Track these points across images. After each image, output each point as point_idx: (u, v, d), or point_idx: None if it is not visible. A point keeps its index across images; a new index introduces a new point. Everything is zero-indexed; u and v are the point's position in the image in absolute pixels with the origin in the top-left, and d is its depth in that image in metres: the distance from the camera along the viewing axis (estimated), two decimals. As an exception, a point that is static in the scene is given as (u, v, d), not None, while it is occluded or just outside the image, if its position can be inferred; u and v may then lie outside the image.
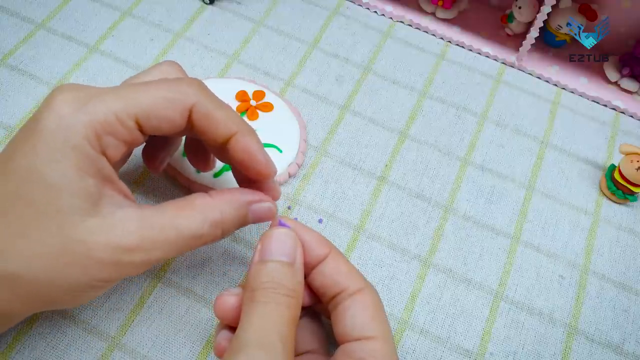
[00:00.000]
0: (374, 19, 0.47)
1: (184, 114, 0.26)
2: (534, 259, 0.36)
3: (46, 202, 0.23)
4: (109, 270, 0.25)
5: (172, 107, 0.26)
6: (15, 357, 0.30)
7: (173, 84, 0.26)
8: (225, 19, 0.45)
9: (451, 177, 0.39)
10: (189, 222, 0.26)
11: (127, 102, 0.25)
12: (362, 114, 0.41)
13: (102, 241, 0.24)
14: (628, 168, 0.37)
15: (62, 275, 0.24)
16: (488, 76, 0.45)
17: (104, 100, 0.25)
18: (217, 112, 0.27)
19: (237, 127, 0.27)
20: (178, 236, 0.26)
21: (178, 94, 0.26)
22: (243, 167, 0.28)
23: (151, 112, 0.25)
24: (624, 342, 0.34)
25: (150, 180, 0.37)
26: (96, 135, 0.24)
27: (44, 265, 0.24)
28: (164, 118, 0.26)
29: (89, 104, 0.24)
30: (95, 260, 0.24)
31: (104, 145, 0.25)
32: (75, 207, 0.24)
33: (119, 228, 0.24)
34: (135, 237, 0.25)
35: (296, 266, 0.26)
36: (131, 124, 0.25)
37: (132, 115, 0.25)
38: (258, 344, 0.23)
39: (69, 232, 0.24)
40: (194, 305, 0.32)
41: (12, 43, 0.42)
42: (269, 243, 0.27)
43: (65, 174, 0.24)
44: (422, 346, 0.33)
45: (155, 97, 0.26)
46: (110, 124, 0.25)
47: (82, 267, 0.24)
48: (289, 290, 0.25)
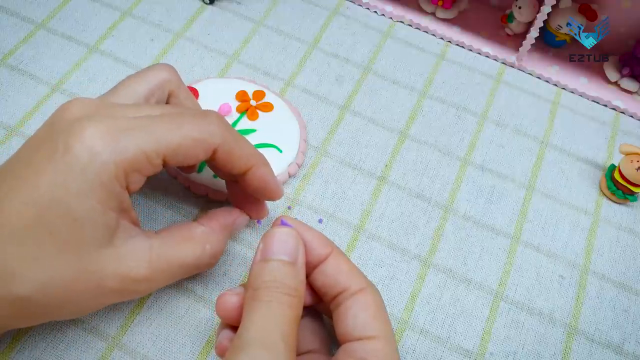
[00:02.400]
0: (374, 19, 0.47)
1: (208, 152, 0.27)
2: (534, 259, 0.36)
3: (67, 232, 0.24)
4: (115, 297, 0.27)
5: (199, 147, 0.27)
6: (15, 357, 0.30)
7: (202, 125, 0.27)
8: (225, 19, 0.45)
9: (451, 177, 0.39)
10: (191, 253, 0.28)
11: (158, 141, 0.26)
12: (362, 114, 0.41)
13: (114, 271, 0.25)
14: (628, 168, 0.37)
15: (72, 301, 0.25)
16: (488, 76, 0.45)
17: (135, 138, 0.25)
18: (238, 149, 0.28)
19: (255, 160, 0.29)
20: (180, 267, 0.28)
21: (206, 135, 0.27)
22: (257, 193, 0.31)
23: (179, 151, 0.26)
24: (624, 342, 0.34)
25: (150, 180, 0.36)
26: (125, 173, 0.25)
27: (57, 291, 0.24)
28: (190, 156, 0.27)
29: (121, 141, 0.25)
30: (107, 289, 0.26)
31: (129, 182, 0.26)
32: (95, 240, 0.25)
33: (130, 259, 0.26)
34: (145, 269, 0.26)
35: (298, 265, 0.27)
36: (158, 162, 0.26)
37: (160, 154, 0.26)
38: (260, 343, 0.23)
39: (85, 262, 0.25)
40: (194, 305, 0.32)
41: (12, 43, 0.42)
42: (271, 242, 0.27)
43: (92, 210, 0.24)
44: (422, 346, 0.33)
45: (185, 138, 0.26)
46: (139, 162, 0.25)
47: (92, 294, 0.25)
48: (291, 290, 0.25)
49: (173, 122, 0.26)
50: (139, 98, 0.29)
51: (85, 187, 0.24)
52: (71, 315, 0.27)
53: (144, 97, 0.29)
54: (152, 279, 0.27)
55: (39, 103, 0.39)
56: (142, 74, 0.30)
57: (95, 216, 0.24)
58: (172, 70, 0.31)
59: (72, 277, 0.24)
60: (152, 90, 0.30)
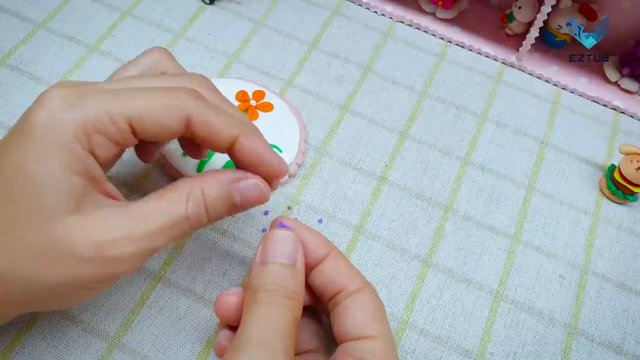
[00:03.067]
0: (374, 19, 0.47)
1: (180, 122, 0.26)
2: (534, 259, 0.36)
3: (30, 200, 0.23)
4: (93, 267, 0.24)
5: (168, 114, 0.25)
6: (15, 357, 0.30)
7: (171, 91, 0.26)
8: (225, 19, 0.45)
9: (451, 177, 0.39)
10: (172, 204, 0.25)
11: (122, 103, 0.25)
12: (362, 114, 0.41)
13: (82, 237, 0.23)
14: (628, 168, 0.37)
15: (44, 273, 0.24)
16: (488, 76, 0.45)
17: (98, 99, 0.24)
18: (216, 118, 0.26)
19: (239, 130, 0.26)
20: (163, 220, 0.25)
21: (175, 101, 0.25)
22: (254, 169, 0.27)
23: (146, 116, 0.25)
24: (624, 342, 0.34)
25: (150, 181, 0.37)
26: (86, 133, 0.24)
27: (27, 263, 0.23)
28: (159, 123, 0.25)
29: (82, 102, 0.24)
30: (78, 257, 0.23)
31: (93, 145, 0.24)
32: (58, 205, 0.23)
33: (101, 224, 0.24)
34: (117, 229, 0.24)
35: (297, 268, 0.26)
36: (124, 126, 0.25)
37: (125, 116, 0.24)
38: (259, 343, 0.23)
39: (51, 230, 0.23)
40: (194, 305, 0.32)
41: (12, 43, 0.42)
42: (270, 244, 0.27)
43: (51, 172, 0.23)
44: (422, 346, 0.33)
45: (152, 102, 0.25)
46: (102, 124, 0.24)
47: (64, 265, 0.24)
48: (290, 292, 0.25)
49: (143, 88, 0.25)
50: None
51: (42, 148, 0.23)
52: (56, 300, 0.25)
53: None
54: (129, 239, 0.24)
55: (39, 103, 0.39)
56: (134, 60, 0.29)
57: (55, 179, 0.23)
58: (163, 52, 0.30)
59: (40, 245, 0.23)
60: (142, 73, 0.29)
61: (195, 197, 0.26)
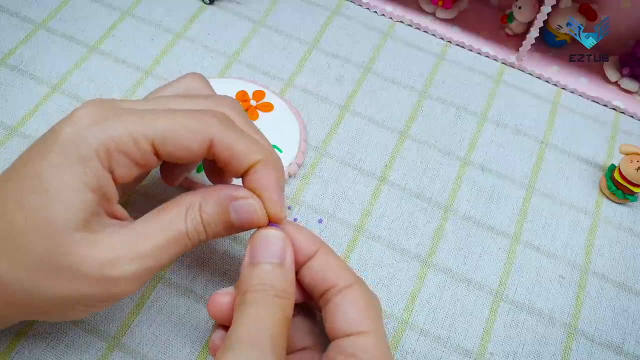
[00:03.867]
0: (374, 19, 0.47)
1: (203, 144, 0.26)
2: (534, 259, 0.36)
3: (39, 209, 0.23)
4: (94, 285, 0.24)
5: (192, 136, 0.25)
6: (15, 357, 0.30)
7: (197, 113, 0.26)
8: (225, 19, 0.45)
9: (451, 177, 0.39)
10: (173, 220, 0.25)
11: (146, 124, 0.25)
12: (362, 114, 0.41)
13: (88, 255, 0.24)
14: (628, 168, 0.37)
15: (45, 285, 0.24)
16: (488, 76, 0.45)
17: (123, 119, 0.25)
18: (238, 143, 0.26)
19: (259, 157, 0.26)
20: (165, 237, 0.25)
21: (199, 124, 0.25)
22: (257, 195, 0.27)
23: (169, 137, 0.25)
24: (624, 342, 0.34)
25: (150, 180, 0.37)
26: (108, 152, 0.24)
27: (27, 272, 0.23)
28: (182, 146, 0.25)
29: (107, 121, 0.24)
30: (81, 274, 0.24)
31: (113, 164, 0.25)
32: (67, 220, 0.23)
33: (105, 242, 0.24)
34: (120, 248, 0.24)
35: (286, 267, 0.26)
36: (146, 147, 0.25)
37: (149, 138, 0.25)
38: (248, 343, 0.23)
39: (55, 243, 0.23)
40: (194, 305, 0.32)
41: (12, 43, 0.42)
42: (258, 245, 0.27)
43: (66, 184, 0.23)
44: (422, 346, 0.33)
45: (176, 124, 0.25)
46: (124, 143, 0.24)
47: (66, 280, 0.24)
48: (280, 292, 0.25)
49: (169, 111, 0.26)
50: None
51: (61, 159, 0.23)
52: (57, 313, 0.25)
53: None
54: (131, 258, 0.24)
55: (39, 103, 0.39)
56: (170, 83, 0.29)
57: (69, 192, 0.23)
58: (200, 78, 0.30)
59: (42, 258, 0.23)
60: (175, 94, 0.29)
61: (193, 213, 0.26)
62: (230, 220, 0.27)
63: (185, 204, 0.26)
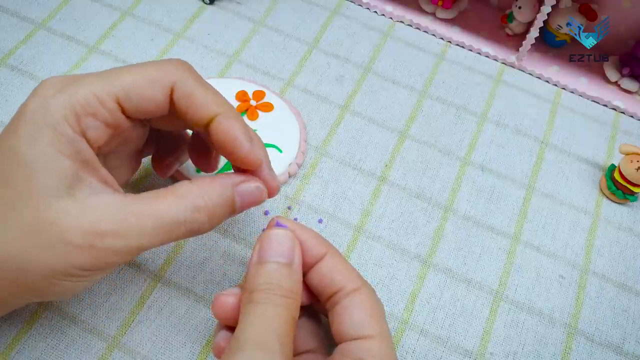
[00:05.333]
0: (374, 19, 0.47)
1: (165, 93, 0.26)
2: (534, 259, 0.36)
3: (21, 182, 0.23)
4: (84, 255, 0.24)
5: (153, 86, 0.26)
6: (15, 357, 0.30)
7: (156, 64, 0.26)
8: (225, 19, 0.45)
9: (451, 177, 0.39)
10: (169, 208, 0.25)
11: (107, 82, 0.25)
12: (362, 114, 0.41)
13: (74, 224, 0.23)
14: (628, 168, 0.37)
15: (35, 257, 0.23)
16: (488, 76, 0.45)
17: (85, 82, 0.25)
18: (199, 91, 0.26)
19: (220, 109, 0.26)
20: (157, 222, 0.25)
21: (159, 73, 0.26)
22: (226, 152, 0.27)
23: (132, 91, 0.25)
24: (624, 342, 0.34)
25: (150, 180, 0.37)
26: (75, 115, 0.24)
27: (17, 246, 0.23)
28: (145, 97, 0.25)
29: (70, 86, 0.25)
30: (68, 243, 0.23)
31: (84, 127, 0.25)
32: (49, 188, 0.23)
33: (92, 212, 0.24)
34: (110, 222, 0.24)
35: (294, 267, 0.26)
36: (112, 105, 0.25)
37: (112, 95, 0.25)
38: (256, 344, 0.23)
39: (42, 214, 0.23)
40: (194, 305, 0.32)
41: (12, 43, 0.42)
42: (267, 244, 0.27)
43: (41, 153, 0.23)
44: (422, 346, 0.33)
45: (136, 77, 0.26)
46: (90, 104, 0.25)
47: (55, 250, 0.23)
48: (287, 291, 0.25)
49: (129, 67, 0.26)
50: None
51: (33, 130, 0.24)
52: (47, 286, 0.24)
53: None
54: (122, 234, 0.24)
55: (39, 103, 0.39)
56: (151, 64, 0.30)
57: (46, 161, 0.23)
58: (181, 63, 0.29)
59: (31, 229, 0.23)
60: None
61: (196, 204, 0.25)
62: (234, 206, 0.27)
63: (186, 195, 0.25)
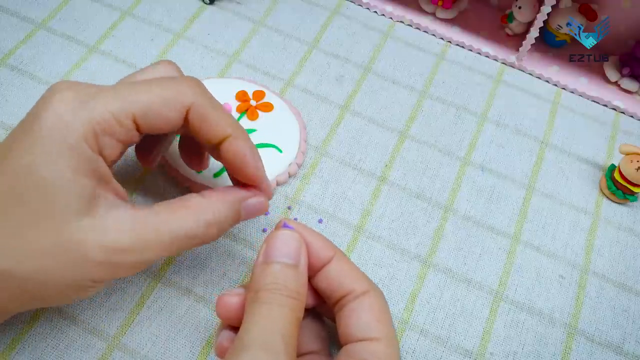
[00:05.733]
0: (374, 19, 0.47)
1: (181, 113, 0.26)
2: (534, 259, 0.36)
3: (41, 202, 0.23)
4: (101, 270, 0.25)
5: (170, 107, 0.26)
6: (15, 357, 0.30)
7: (172, 83, 0.27)
8: (225, 19, 0.45)
9: (451, 177, 0.39)
10: (183, 223, 0.26)
11: (125, 101, 0.25)
12: (362, 114, 0.41)
13: (95, 242, 0.24)
14: (628, 168, 0.37)
15: (55, 274, 0.24)
16: (488, 76, 0.45)
17: (102, 100, 0.25)
18: (214, 113, 0.27)
19: (232, 130, 0.27)
20: (172, 237, 0.26)
21: (176, 93, 0.26)
22: (234, 169, 0.28)
23: (149, 111, 0.26)
24: (624, 342, 0.34)
25: (150, 180, 0.37)
26: (94, 135, 0.24)
27: (38, 264, 0.24)
28: (162, 117, 0.26)
29: (88, 104, 0.24)
30: (89, 260, 0.24)
31: (101, 145, 0.25)
32: (70, 207, 0.24)
33: (112, 229, 0.25)
34: (128, 238, 0.25)
35: (300, 268, 0.26)
36: (129, 124, 0.25)
37: (130, 114, 0.25)
38: (261, 344, 0.23)
39: (63, 232, 0.24)
40: (194, 305, 0.32)
41: (12, 43, 0.42)
42: (273, 244, 0.27)
43: (62, 175, 0.24)
44: (422, 346, 0.33)
45: (154, 96, 0.26)
46: (108, 124, 0.25)
47: (75, 266, 0.24)
48: (293, 292, 0.25)
49: (144, 85, 0.26)
50: None
51: (52, 151, 0.23)
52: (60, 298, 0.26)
53: None
54: (138, 250, 0.25)
55: (39, 103, 0.39)
56: (142, 70, 0.30)
57: (66, 182, 0.24)
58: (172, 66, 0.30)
59: (52, 248, 0.24)
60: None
61: (207, 219, 0.27)
62: (240, 217, 0.29)
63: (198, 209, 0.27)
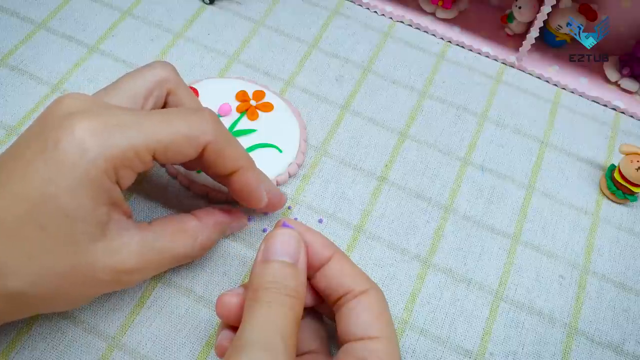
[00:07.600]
0: (374, 19, 0.47)
1: (198, 150, 0.28)
2: (534, 259, 0.36)
3: (60, 229, 0.24)
4: (108, 287, 0.27)
5: (189, 144, 0.27)
6: (15, 357, 0.30)
7: (193, 118, 0.27)
8: (225, 19, 0.45)
9: (451, 177, 0.39)
10: (182, 246, 0.29)
11: (148, 137, 0.26)
12: (362, 114, 0.41)
13: (105, 264, 0.26)
14: (628, 168, 0.37)
15: (66, 294, 0.26)
16: (488, 76, 0.45)
17: (126, 134, 0.25)
18: (229, 149, 0.29)
19: (243, 163, 0.30)
20: (172, 258, 0.29)
21: (196, 132, 0.27)
22: (240, 198, 0.31)
23: (169, 147, 0.27)
24: (624, 342, 0.34)
25: (150, 180, 0.37)
26: (114, 169, 0.25)
27: (51, 285, 0.25)
28: (181, 153, 0.27)
29: (112, 136, 0.25)
30: (99, 280, 0.26)
31: (119, 177, 0.26)
32: (87, 234, 0.25)
33: (122, 252, 0.26)
34: (135, 261, 0.27)
35: (299, 267, 0.27)
36: (148, 158, 0.26)
37: (150, 149, 0.26)
38: (260, 344, 0.23)
39: (79, 257, 0.25)
40: (194, 305, 0.32)
41: (12, 43, 0.42)
42: (272, 243, 0.27)
43: (82, 204, 0.24)
44: (422, 346, 0.33)
45: (175, 134, 0.27)
46: (128, 159, 0.25)
47: (86, 287, 0.26)
48: (292, 291, 0.26)
49: (164, 119, 0.27)
50: (137, 96, 0.29)
51: (75, 184, 0.24)
52: (64, 307, 0.27)
53: (142, 96, 0.29)
54: (142, 270, 0.27)
55: (39, 103, 0.39)
56: (140, 72, 0.30)
57: (86, 212, 0.25)
58: (170, 68, 0.31)
59: (65, 271, 0.25)
60: (150, 89, 0.29)
61: (203, 243, 0.30)
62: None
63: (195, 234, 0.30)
